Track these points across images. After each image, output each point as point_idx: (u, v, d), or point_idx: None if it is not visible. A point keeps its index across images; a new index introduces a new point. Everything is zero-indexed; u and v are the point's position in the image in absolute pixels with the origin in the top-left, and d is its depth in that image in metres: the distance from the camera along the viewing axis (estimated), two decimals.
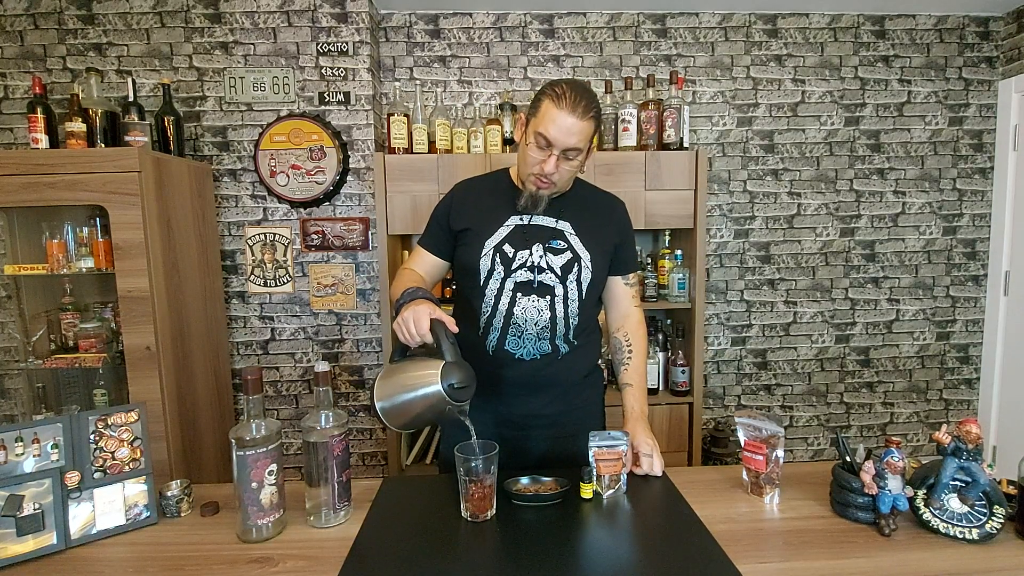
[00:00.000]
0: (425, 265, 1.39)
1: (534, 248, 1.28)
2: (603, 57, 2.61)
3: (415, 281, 1.28)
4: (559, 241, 1.29)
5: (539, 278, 1.27)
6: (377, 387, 1.14)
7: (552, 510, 1.10)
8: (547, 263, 1.28)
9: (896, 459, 1.00)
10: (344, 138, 2.41)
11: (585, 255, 1.30)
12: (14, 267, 2.00)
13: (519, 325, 1.27)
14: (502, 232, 1.29)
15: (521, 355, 1.28)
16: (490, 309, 1.28)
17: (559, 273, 1.28)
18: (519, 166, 1.30)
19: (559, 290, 1.28)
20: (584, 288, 1.30)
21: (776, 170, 2.70)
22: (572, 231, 1.31)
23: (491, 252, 1.28)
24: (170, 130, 2.23)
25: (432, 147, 2.31)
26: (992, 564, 0.93)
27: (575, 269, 1.29)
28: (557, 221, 1.31)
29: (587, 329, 1.36)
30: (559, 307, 1.28)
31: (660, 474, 1.24)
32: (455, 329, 1.10)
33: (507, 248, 1.28)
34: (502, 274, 1.27)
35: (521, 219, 1.30)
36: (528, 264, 1.27)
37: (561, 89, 1.17)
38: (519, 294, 1.27)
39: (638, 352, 1.39)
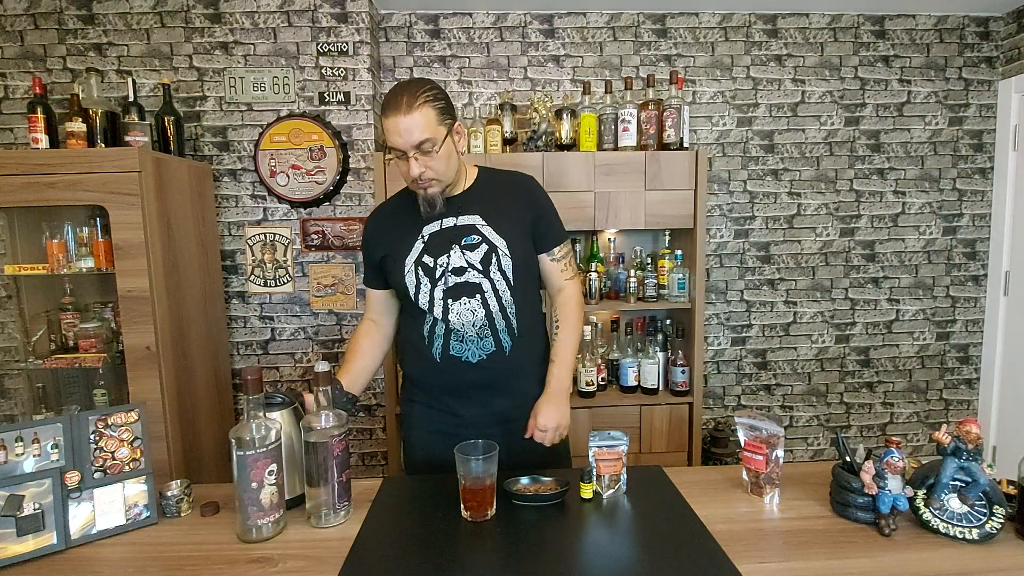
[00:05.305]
0: (376, 303, 1.42)
1: (452, 251, 1.27)
2: (603, 57, 2.61)
3: (354, 353, 1.38)
4: (472, 236, 1.28)
5: (463, 279, 1.26)
6: None
7: (552, 510, 1.10)
8: (467, 261, 1.27)
9: (896, 459, 1.00)
10: (344, 138, 2.41)
11: (501, 242, 1.28)
12: (14, 267, 1.99)
13: (458, 330, 1.27)
14: (418, 245, 1.29)
15: (467, 358, 1.28)
16: (429, 319, 1.29)
17: (480, 267, 1.27)
18: None
19: (485, 285, 1.27)
20: (510, 276, 1.28)
21: (776, 170, 2.70)
22: (483, 222, 1.29)
23: (412, 267, 1.28)
24: (170, 130, 2.23)
25: None
26: (992, 564, 0.93)
27: (494, 259, 1.27)
28: (467, 216, 1.29)
29: (530, 317, 1.34)
30: (491, 301, 1.27)
31: (548, 446, 1.31)
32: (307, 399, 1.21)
33: (427, 259, 1.28)
34: (429, 285, 1.27)
35: (433, 227, 1.29)
36: (449, 268, 1.27)
37: (387, 96, 1.18)
38: (450, 300, 1.27)
39: (566, 326, 1.37)
